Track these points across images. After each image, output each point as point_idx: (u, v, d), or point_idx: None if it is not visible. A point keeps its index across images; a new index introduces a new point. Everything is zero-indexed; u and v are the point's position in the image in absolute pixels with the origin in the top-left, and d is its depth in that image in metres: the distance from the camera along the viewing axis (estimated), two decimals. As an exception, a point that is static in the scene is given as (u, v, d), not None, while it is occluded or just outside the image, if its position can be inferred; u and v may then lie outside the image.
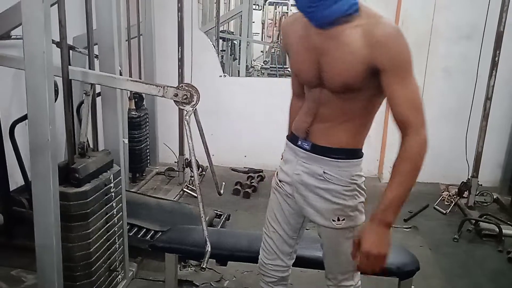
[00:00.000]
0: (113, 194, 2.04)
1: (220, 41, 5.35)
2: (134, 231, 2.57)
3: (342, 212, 1.40)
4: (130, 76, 3.45)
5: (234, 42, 5.94)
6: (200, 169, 3.68)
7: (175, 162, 3.72)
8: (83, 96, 2.20)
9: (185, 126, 1.93)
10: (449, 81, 3.84)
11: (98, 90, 2.36)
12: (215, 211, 3.03)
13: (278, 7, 8.38)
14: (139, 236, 2.56)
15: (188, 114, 1.93)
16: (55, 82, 2.01)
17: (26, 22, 1.65)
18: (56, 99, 2.00)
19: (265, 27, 8.75)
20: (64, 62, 1.90)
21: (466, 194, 3.44)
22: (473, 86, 3.48)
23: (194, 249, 2.01)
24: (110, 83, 2.03)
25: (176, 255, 2.10)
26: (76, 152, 2.00)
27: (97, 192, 1.89)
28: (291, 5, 7.40)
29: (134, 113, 3.49)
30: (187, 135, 1.91)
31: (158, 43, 3.87)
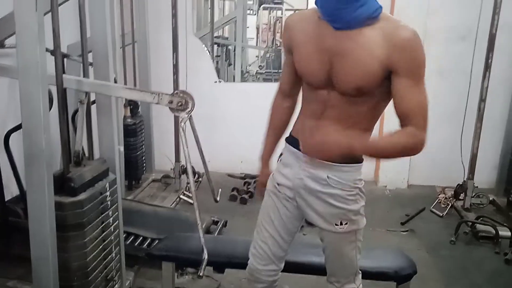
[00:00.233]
0: (109, 203, 2.03)
1: (215, 46, 5.35)
2: (130, 240, 2.56)
3: (345, 216, 1.41)
4: (125, 83, 3.45)
5: (229, 47, 5.95)
6: (196, 175, 3.67)
7: (171, 169, 3.71)
8: (78, 104, 2.20)
9: (180, 133, 1.93)
10: (443, 83, 3.85)
11: (93, 97, 2.36)
12: (212, 218, 3.02)
13: (273, 11, 8.39)
14: (136, 244, 2.55)
15: (183, 121, 1.92)
16: (50, 91, 2.00)
17: (19, 32, 1.65)
18: (50, 108, 2.00)
19: (259, 32, 8.76)
20: (58, 71, 1.89)
21: (462, 196, 3.45)
22: (467, 87, 3.51)
23: (191, 256, 2.00)
24: (105, 91, 2.02)
25: (173, 263, 2.09)
26: (71, 161, 1.99)
27: (93, 201, 1.88)
28: (285, 9, 7.41)
29: (129, 120, 3.48)
30: (182, 142, 1.91)
31: (152, 49, 3.87)
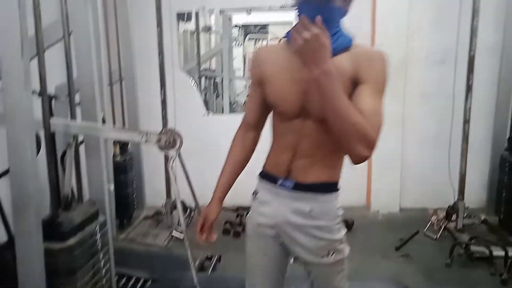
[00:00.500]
0: (99, 246, 2.01)
1: (203, 78, 5.41)
2: (123, 281, 2.52)
3: (332, 246, 1.40)
4: (113, 121, 3.46)
5: (216, 79, 6.02)
6: (188, 210, 3.65)
7: (163, 205, 3.68)
8: (66, 146, 2.20)
9: (169, 171, 1.94)
10: (427, 105, 3.93)
11: (81, 137, 2.36)
12: (206, 254, 2.98)
13: (258, 41, 8.55)
14: (129, 286, 2.51)
15: (172, 159, 1.94)
16: (38, 135, 2.01)
17: (5, 78, 1.67)
18: (38, 152, 2.00)
19: (246, 62, 8.89)
20: (45, 115, 1.90)
21: (454, 217, 3.46)
22: (450, 109, 3.58)
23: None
24: (93, 132, 2.03)
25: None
26: (60, 205, 1.98)
27: (83, 245, 1.86)
28: (270, 39, 7.56)
29: (119, 157, 3.47)
30: (172, 180, 1.92)
31: (140, 86, 3.90)
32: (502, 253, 2.91)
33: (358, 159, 1.20)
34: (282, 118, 1.38)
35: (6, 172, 2.26)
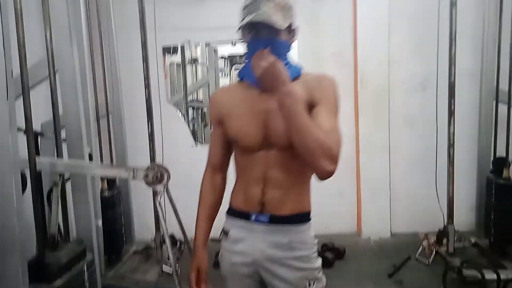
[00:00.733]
0: (87, 285, 1.96)
1: (190, 109, 5.44)
2: (112, 320, 2.45)
3: (312, 275, 1.40)
4: (100, 156, 3.43)
5: (204, 109, 6.05)
6: (178, 243, 3.59)
7: (152, 239, 3.62)
8: (52, 185, 2.17)
9: (157, 207, 1.92)
10: (412, 130, 4.00)
11: (68, 173, 2.34)
12: None
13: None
14: (118, 325, 2.44)
15: (160, 195, 1.93)
16: (23, 173, 1.98)
17: (-10, 120, 1.66)
18: (24, 191, 1.97)
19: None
20: (31, 154, 1.89)
21: (445, 241, 3.46)
22: (434, 134, 3.64)
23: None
24: (80, 170, 2.02)
25: None
26: (47, 245, 1.94)
27: (70, 286, 1.81)
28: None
29: (107, 193, 3.43)
30: (160, 215, 1.90)
31: (127, 120, 3.91)
32: (494, 276, 2.90)
33: (325, 174, 1.23)
34: (246, 152, 1.40)
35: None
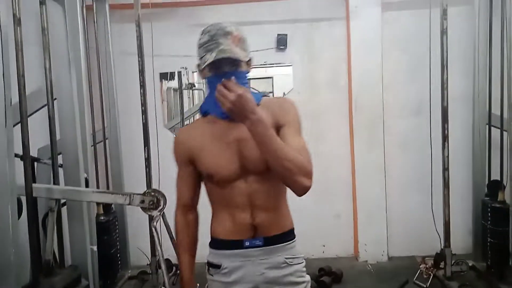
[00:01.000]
0: (81, 313, 1.95)
1: (187, 134, 5.47)
2: None
3: None
4: (97, 181, 3.45)
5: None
6: (174, 268, 3.57)
7: (148, 264, 3.60)
8: (48, 211, 2.18)
9: (153, 232, 1.93)
10: (407, 154, 4.04)
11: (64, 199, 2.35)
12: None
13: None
14: None
15: (156, 220, 1.94)
16: (19, 199, 1.99)
17: (-13, 148, 1.68)
18: (20, 216, 1.98)
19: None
20: (28, 181, 1.90)
21: (442, 264, 3.45)
22: (429, 157, 3.67)
23: None
24: (76, 197, 2.03)
25: None
26: (41, 272, 1.93)
27: (64, 313, 1.81)
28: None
29: (102, 217, 3.42)
30: (156, 240, 1.91)
31: (124, 145, 3.94)
32: (492, 300, 2.89)
33: (302, 190, 1.31)
34: (223, 184, 1.41)
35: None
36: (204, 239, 1.55)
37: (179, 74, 4.63)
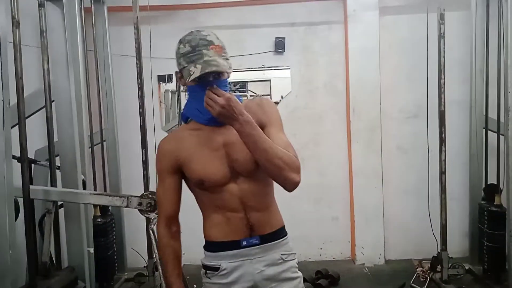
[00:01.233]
0: (78, 315, 1.95)
1: (184, 137, 5.48)
2: None
3: (300, 284, 1.50)
4: (94, 183, 3.44)
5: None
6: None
7: (145, 266, 3.59)
8: (45, 212, 2.18)
9: (150, 235, 1.93)
10: (404, 158, 4.05)
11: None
12: (189, 316, 2.89)
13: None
14: None
15: (153, 222, 1.94)
16: (16, 201, 1.99)
17: (-15, 150, 1.68)
18: (17, 218, 1.98)
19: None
20: (25, 183, 1.90)
21: (439, 267, 3.45)
22: (426, 161, 3.68)
23: None
24: (73, 199, 2.03)
25: None
26: (38, 273, 1.93)
27: (60, 315, 1.80)
28: (249, 96, 7.77)
29: (99, 219, 3.41)
30: (153, 243, 1.90)
31: (122, 147, 3.93)
32: (488, 303, 2.90)
33: (293, 185, 1.35)
34: (214, 189, 1.42)
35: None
36: (194, 241, 1.55)
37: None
